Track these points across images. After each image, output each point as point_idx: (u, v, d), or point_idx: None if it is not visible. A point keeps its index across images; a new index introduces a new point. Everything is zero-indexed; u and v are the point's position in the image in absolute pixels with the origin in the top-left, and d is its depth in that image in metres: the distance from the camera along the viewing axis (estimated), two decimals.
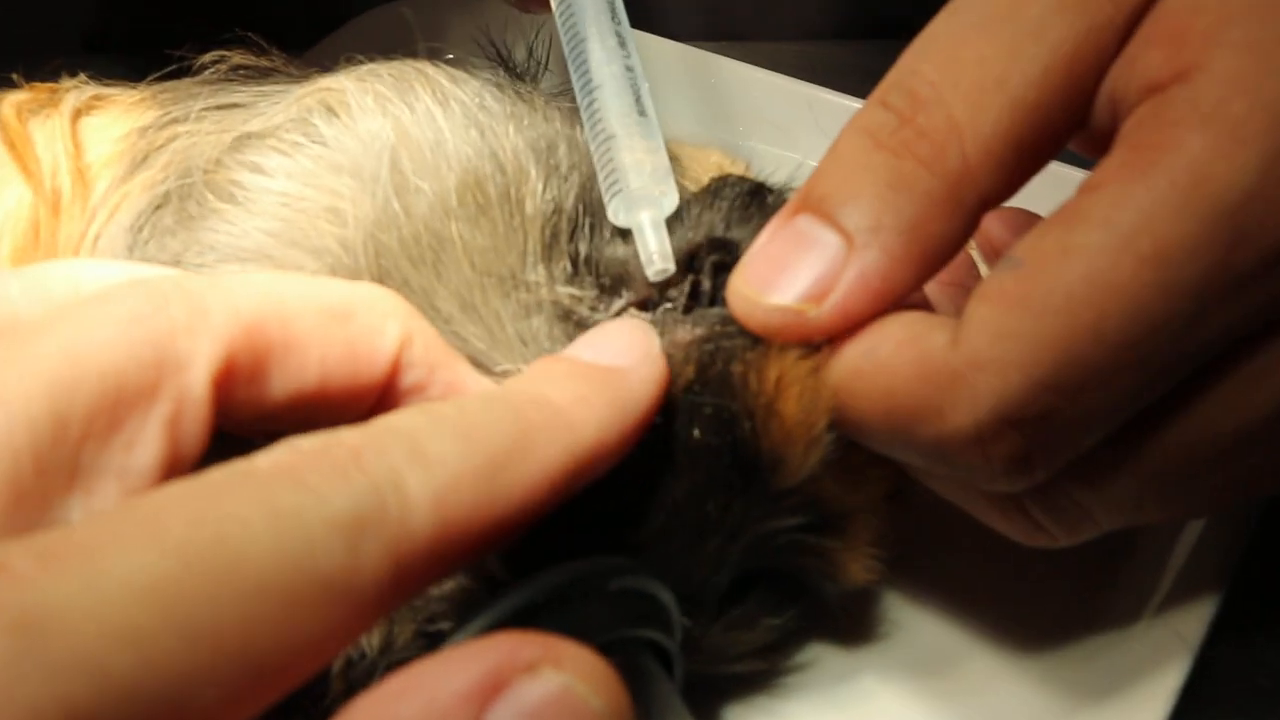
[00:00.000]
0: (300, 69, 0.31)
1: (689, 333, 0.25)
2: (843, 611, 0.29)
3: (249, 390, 0.20)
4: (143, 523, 0.15)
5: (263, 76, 0.31)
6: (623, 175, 0.27)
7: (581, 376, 0.22)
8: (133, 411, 0.18)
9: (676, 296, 0.27)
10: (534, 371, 0.22)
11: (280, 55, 0.31)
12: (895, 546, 0.28)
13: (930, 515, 0.29)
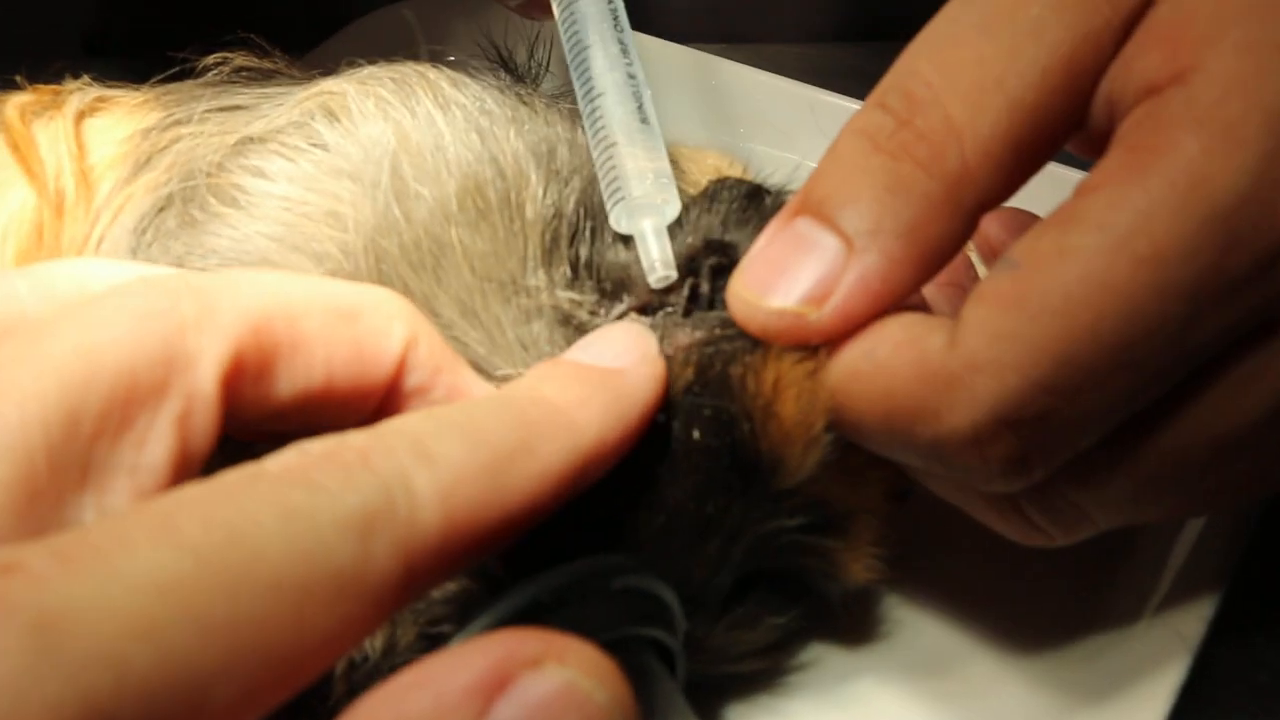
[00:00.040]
0: (302, 71, 0.32)
1: (689, 336, 0.26)
2: (844, 611, 0.29)
3: (256, 388, 0.20)
4: (157, 523, 0.15)
5: (265, 79, 0.31)
6: (625, 183, 0.27)
7: (582, 378, 0.22)
8: (143, 409, 0.18)
9: (676, 300, 0.27)
10: (535, 374, 0.22)
11: (282, 57, 0.32)
12: (896, 546, 0.28)
13: (931, 516, 0.29)
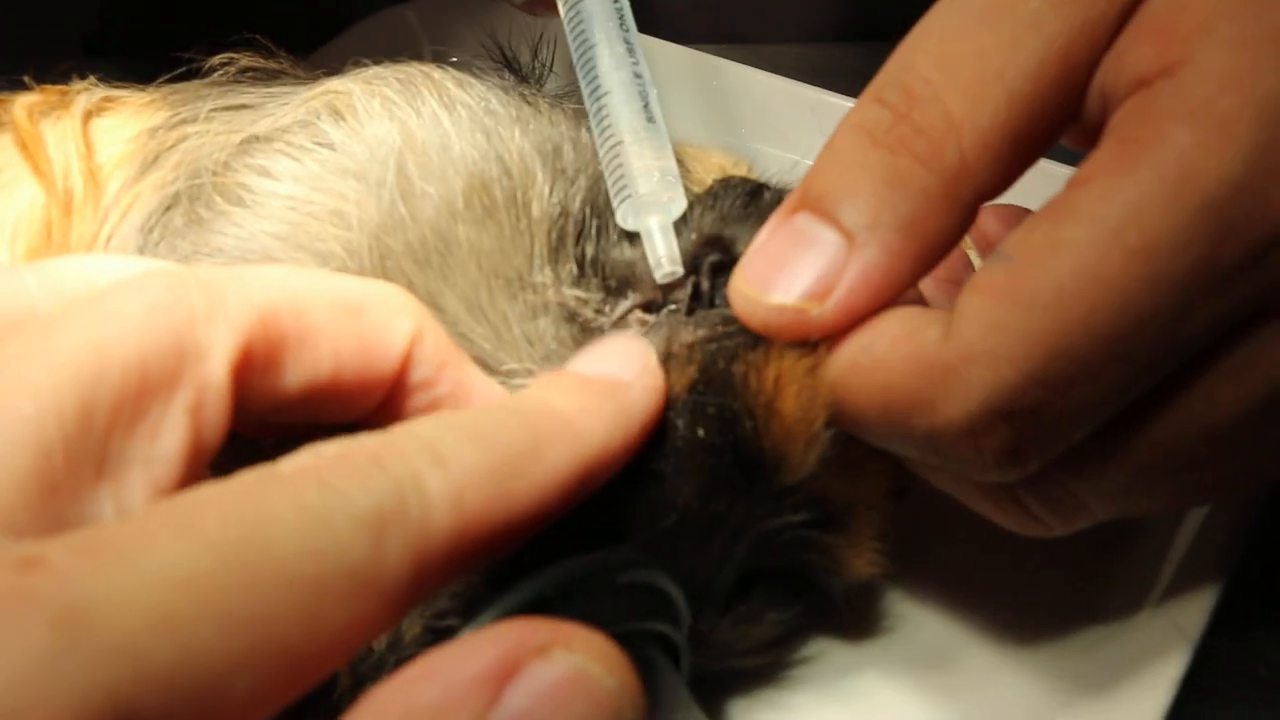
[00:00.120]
0: (306, 72, 0.32)
1: (692, 334, 0.26)
2: (846, 606, 0.29)
3: (264, 380, 0.21)
4: (177, 520, 0.15)
5: (270, 78, 0.31)
6: (631, 181, 0.27)
7: (586, 388, 0.22)
8: (156, 400, 0.18)
9: (680, 298, 0.27)
10: (541, 384, 0.23)
11: (287, 58, 0.32)
12: (898, 541, 0.28)
13: (931, 511, 0.29)
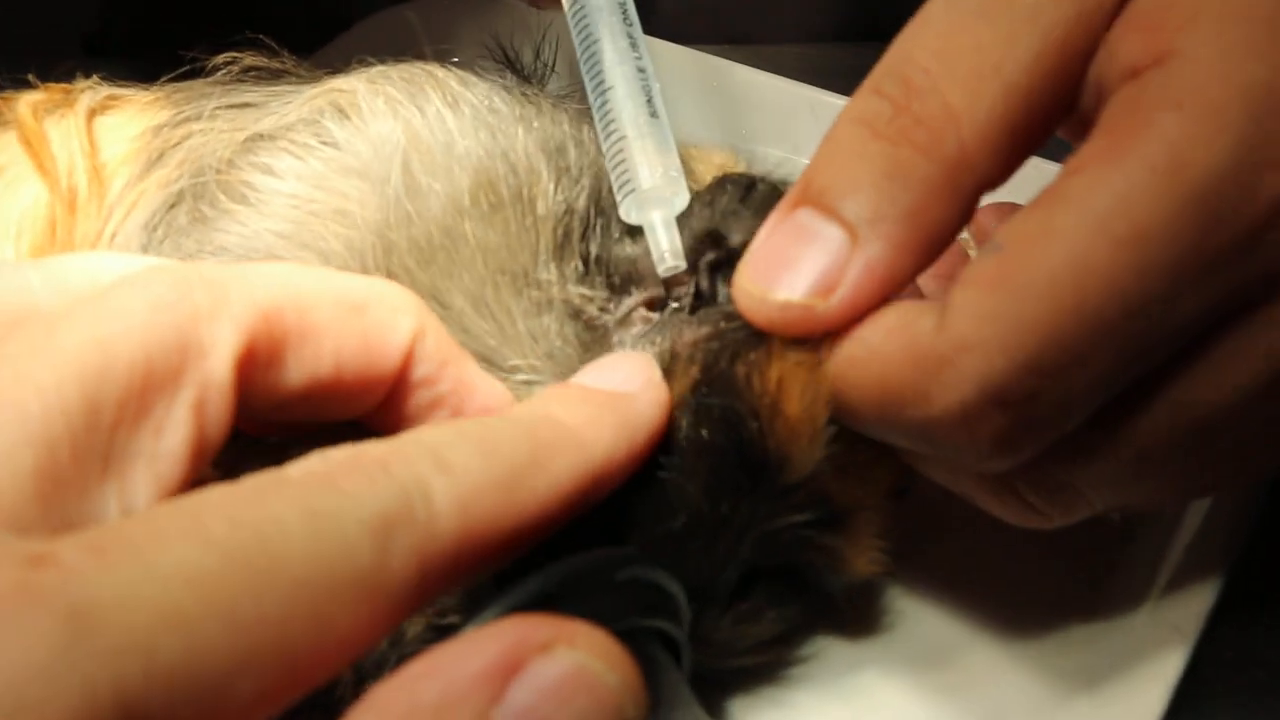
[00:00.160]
0: (310, 71, 0.32)
1: (695, 331, 0.26)
2: (847, 604, 0.29)
3: (266, 377, 0.21)
4: (186, 520, 0.16)
5: (274, 78, 0.31)
6: (635, 175, 0.27)
7: (590, 400, 0.22)
8: (160, 396, 0.19)
9: (683, 294, 0.27)
10: (546, 395, 0.23)
11: (290, 58, 0.32)
12: (898, 540, 0.28)
13: (932, 510, 0.29)
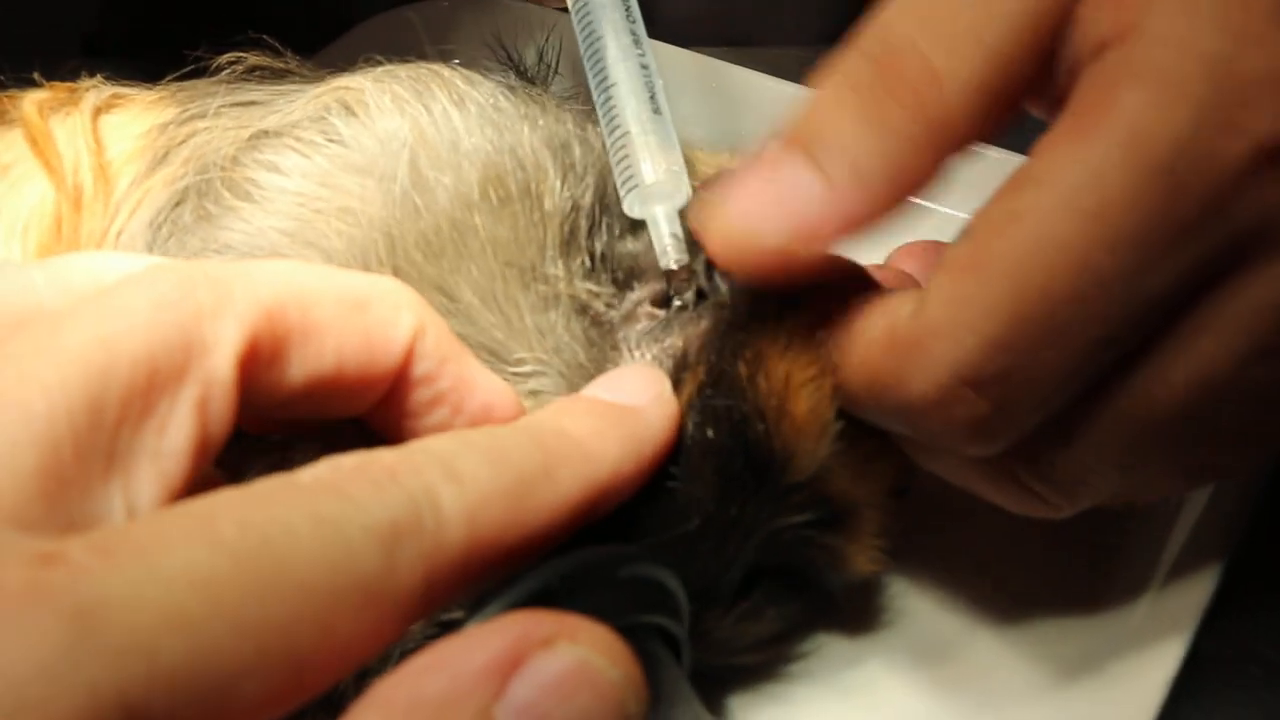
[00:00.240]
0: (314, 71, 0.32)
1: (697, 327, 0.26)
2: (846, 601, 0.30)
3: (269, 374, 0.21)
4: (194, 523, 0.16)
5: (278, 77, 0.31)
6: (637, 169, 0.28)
7: (599, 413, 0.23)
8: (164, 394, 0.19)
9: (686, 293, 0.27)
10: (555, 407, 0.23)
11: (295, 57, 0.32)
12: (898, 537, 0.28)
13: (930, 504, 0.29)
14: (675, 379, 0.25)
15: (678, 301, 0.27)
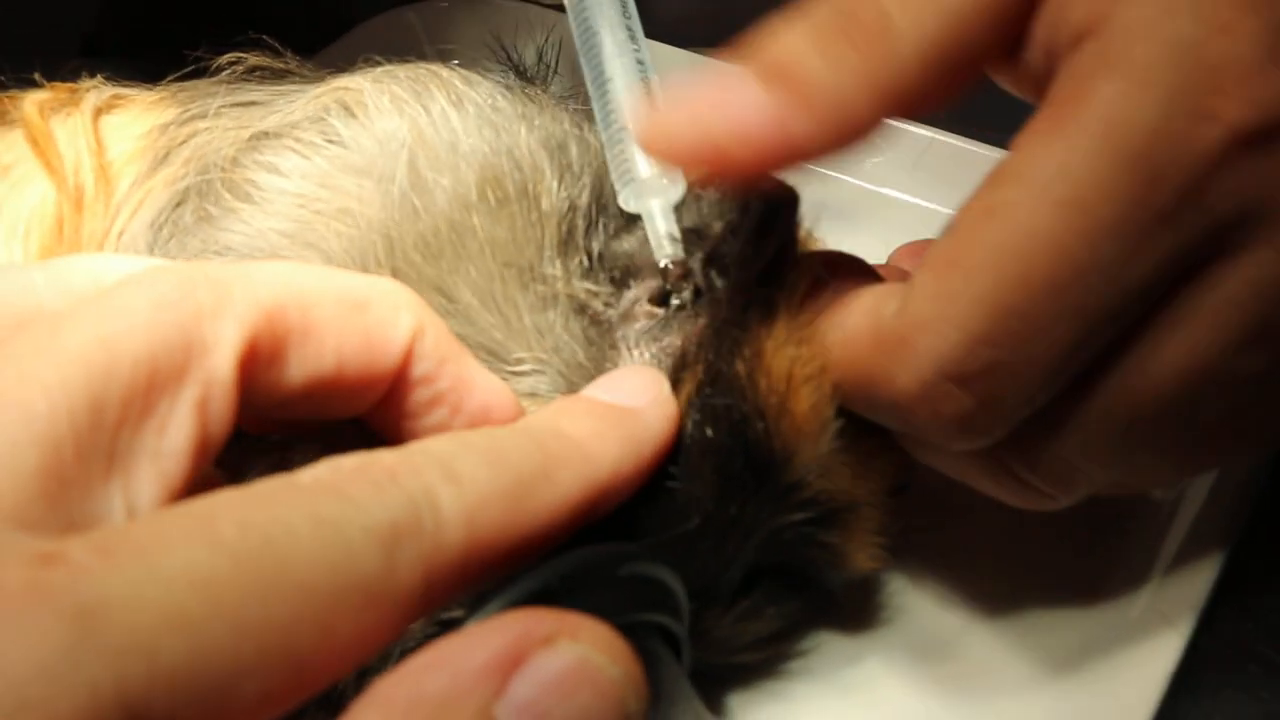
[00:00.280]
0: (314, 71, 0.32)
1: (694, 324, 0.26)
2: (846, 598, 0.30)
3: (269, 375, 0.21)
4: (195, 523, 0.16)
5: (279, 77, 0.31)
6: (633, 164, 0.28)
7: (598, 415, 0.23)
8: (164, 395, 0.19)
9: (684, 291, 0.27)
10: (554, 408, 0.23)
11: (295, 58, 0.32)
12: (897, 535, 0.28)
13: (929, 501, 0.29)
14: (674, 378, 0.25)
15: (676, 300, 0.27)
